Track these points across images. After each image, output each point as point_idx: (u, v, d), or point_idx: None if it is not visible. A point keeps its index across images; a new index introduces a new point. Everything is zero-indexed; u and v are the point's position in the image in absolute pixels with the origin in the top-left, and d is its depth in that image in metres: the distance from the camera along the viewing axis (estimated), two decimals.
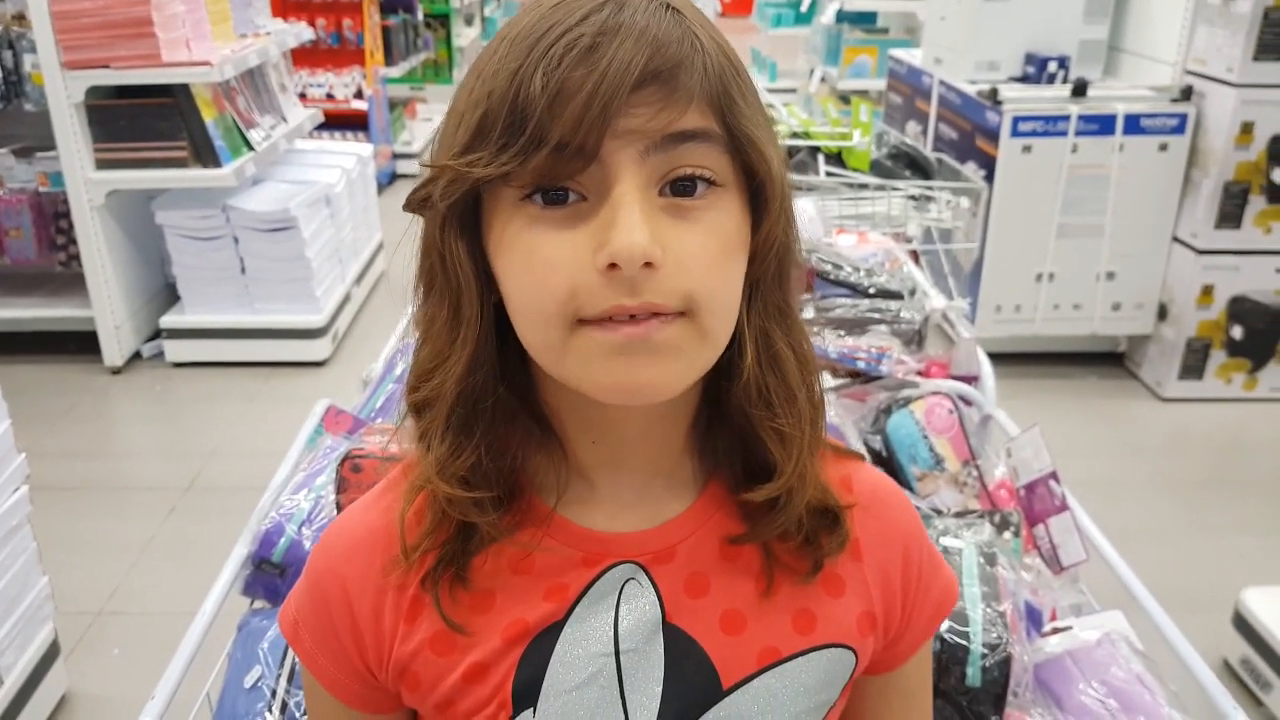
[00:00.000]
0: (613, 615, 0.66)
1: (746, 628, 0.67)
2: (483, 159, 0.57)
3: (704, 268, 0.58)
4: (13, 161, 3.51)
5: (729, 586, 0.68)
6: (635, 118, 0.56)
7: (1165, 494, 2.89)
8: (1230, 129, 3.09)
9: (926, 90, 3.91)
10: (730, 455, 0.68)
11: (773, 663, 0.67)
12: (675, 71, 0.56)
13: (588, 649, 0.66)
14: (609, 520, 0.68)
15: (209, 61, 3.23)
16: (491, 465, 0.64)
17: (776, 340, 0.65)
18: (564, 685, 0.65)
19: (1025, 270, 3.38)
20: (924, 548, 0.75)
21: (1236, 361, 3.36)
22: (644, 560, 0.67)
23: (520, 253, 0.58)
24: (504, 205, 0.59)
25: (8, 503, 1.88)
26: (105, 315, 3.46)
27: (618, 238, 0.55)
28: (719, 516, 0.69)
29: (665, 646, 0.66)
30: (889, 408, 1.44)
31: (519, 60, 0.56)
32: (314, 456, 1.31)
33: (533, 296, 0.58)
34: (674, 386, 0.59)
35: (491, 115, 0.57)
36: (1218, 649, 2.20)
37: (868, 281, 1.75)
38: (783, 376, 0.65)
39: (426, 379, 0.64)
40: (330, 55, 5.56)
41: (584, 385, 0.59)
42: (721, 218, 0.59)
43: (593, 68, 0.55)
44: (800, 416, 0.65)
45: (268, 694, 1.07)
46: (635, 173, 0.56)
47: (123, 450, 3.22)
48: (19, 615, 1.92)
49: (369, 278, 4.25)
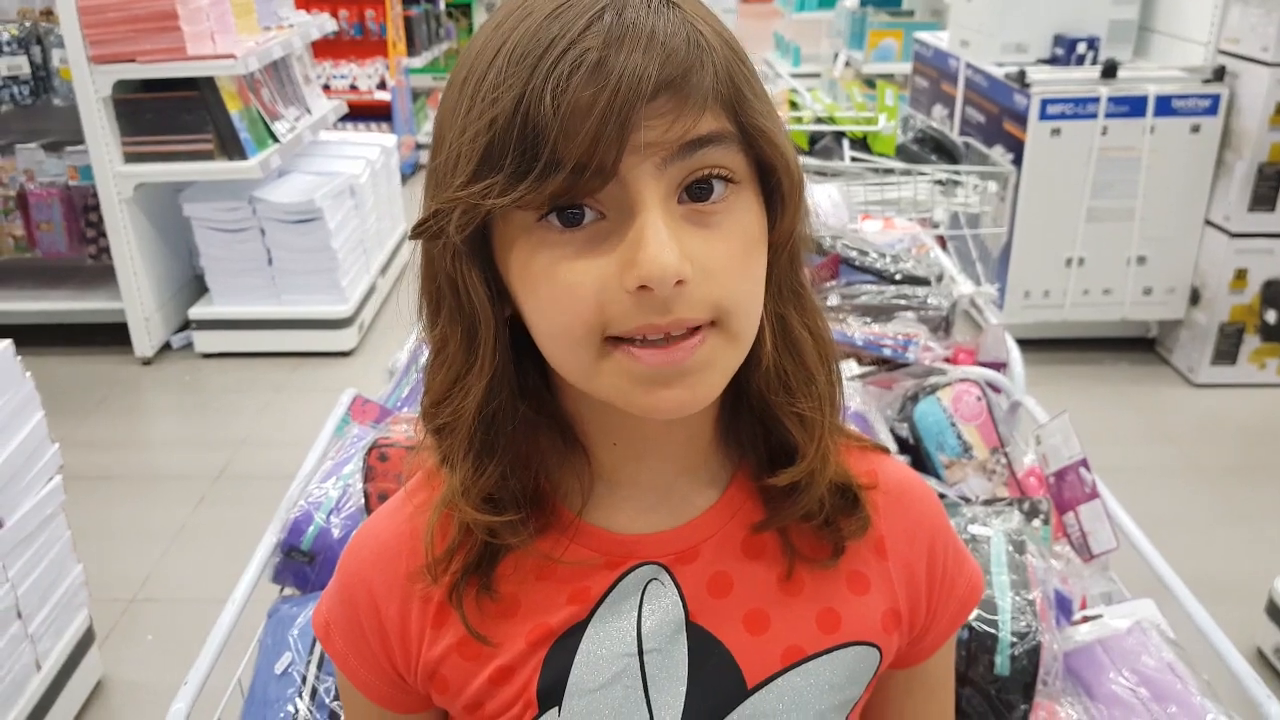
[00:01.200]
0: (636, 616, 0.66)
1: (770, 627, 0.67)
2: (495, 187, 0.54)
3: (731, 274, 0.57)
4: (43, 156, 3.55)
5: (752, 585, 0.67)
6: (652, 130, 0.54)
7: (1197, 481, 2.86)
8: (1265, 110, 3.04)
9: (953, 73, 3.87)
10: (754, 442, 0.67)
11: (797, 661, 0.67)
12: (686, 77, 0.54)
13: (611, 649, 0.66)
14: (630, 522, 0.67)
15: (233, 54, 3.25)
16: (515, 483, 0.64)
17: (793, 324, 0.64)
18: (588, 685, 0.65)
19: (1054, 255, 3.35)
20: (949, 543, 0.74)
21: (1270, 346, 3.31)
22: (666, 561, 0.67)
23: (542, 279, 0.57)
24: (518, 228, 0.57)
25: (42, 492, 1.91)
26: (135, 307, 3.50)
27: (648, 260, 0.53)
28: (744, 510, 0.68)
29: (689, 646, 0.66)
30: (916, 395, 1.43)
31: (523, 80, 0.53)
32: (342, 445, 1.32)
33: (559, 322, 0.57)
34: (709, 399, 0.59)
35: (499, 142, 0.54)
36: (1251, 638, 2.18)
37: (894, 267, 1.73)
38: (801, 359, 0.65)
39: (444, 403, 0.63)
40: (353, 46, 5.57)
41: (617, 403, 0.59)
42: (742, 217, 0.58)
43: (603, 84, 0.52)
44: (820, 398, 0.65)
45: (298, 680, 1.08)
46: (656, 187, 0.55)
47: (154, 440, 3.26)
48: (54, 603, 1.95)
49: (394, 268, 4.27)
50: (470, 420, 0.62)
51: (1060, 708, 1.04)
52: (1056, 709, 1.04)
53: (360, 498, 1.22)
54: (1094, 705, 1.07)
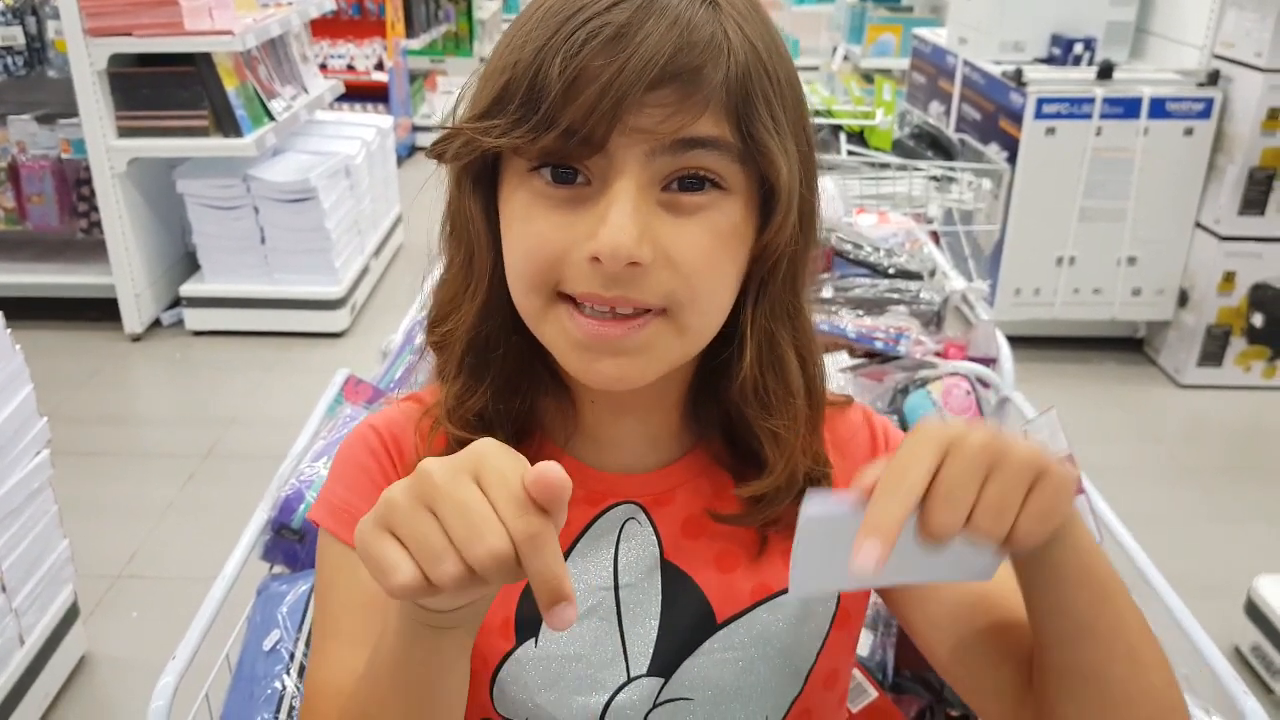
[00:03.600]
0: (613, 552, 0.69)
1: (740, 566, 0.70)
2: (497, 128, 0.57)
3: (693, 267, 0.58)
4: (35, 128, 3.52)
5: (724, 529, 0.70)
6: (647, 118, 0.55)
7: (1181, 480, 2.88)
8: (1257, 114, 3.05)
9: (950, 70, 3.87)
10: (715, 430, 0.70)
11: (766, 597, 0.70)
12: (695, 74, 0.55)
13: (588, 582, 0.69)
14: (612, 462, 0.70)
15: (231, 30, 3.23)
16: (502, 407, 0.67)
17: (781, 342, 0.65)
18: None
19: (1046, 253, 3.36)
20: (878, 433, 0.76)
21: (1256, 349, 3.33)
22: (644, 501, 0.70)
23: (519, 221, 0.60)
24: (516, 171, 0.60)
25: (29, 466, 1.91)
26: (126, 282, 3.49)
27: (605, 235, 0.55)
28: (713, 469, 0.71)
29: (663, 583, 0.69)
30: (906, 388, 1.44)
31: (545, 37, 0.56)
32: (334, 425, 1.33)
33: (520, 264, 0.60)
34: (638, 381, 0.61)
35: (512, 86, 0.57)
36: (1230, 636, 2.20)
37: (887, 262, 1.74)
38: (784, 377, 0.66)
39: (442, 321, 0.67)
40: (351, 26, 5.55)
41: (557, 358, 0.62)
42: (719, 218, 0.59)
43: (611, 59, 0.54)
44: (797, 417, 0.66)
45: (286, 656, 1.09)
46: (638, 172, 0.56)
47: (142, 416, 3.26)
48: (40, 577, 1.95)
49: (388, 250, 4.26)
50: (463, 343, 0.65)
51: None
52: None
53: None
54: None
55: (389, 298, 3.99)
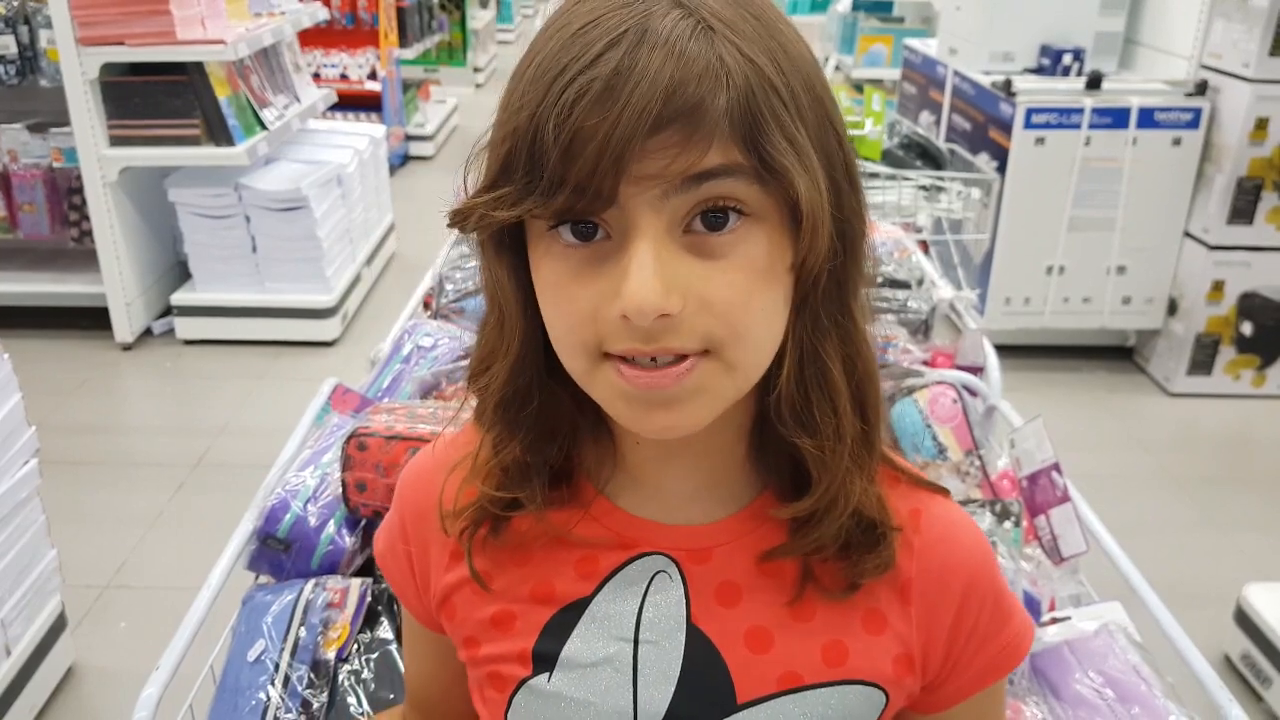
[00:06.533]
0: (639, 604, 0.66)
1: (772, 648, 0.66)
2: (508, 197, 0.56)
3: (730, 307, 0.56)
4: (27, 137, 3.52)
5: (761, 602, 0.66)
6: (653, 163, 0.53)
7: (1171, 489, 2.89)
8: (1245, 125, 3.07)
9: (941, 80, 3.89)
10: (779, 467, 0.66)
11: (793, 688, 0.65)
12: (695, 110, 0.52)
13: (608, 630, 0.66)
14: (650, 510, 0.68)
15: (223, 40, 3.23)
16: (537, 459, 0.66)
17: (826, 355, 0.61)
18: (580, 659, 0.67)
19: (1036, 263, 3.37)
20: (989, 596, 0.69)
21: (1245, 358, 3.35)
22: (678, 556, 0.67)
23: (549, 286, 0.59)
24: (538, 232, 0.59)
25: (17, 475, 1.90)
26: (117, 291, 3.48)
27: (628, 294, 0.54)
28: (761, 531, 0.67)
29: (686, 648, 0.66)
30: (893, 396, 1.44)
31: (538, 100, 0.54)
32: (321, 434, 1.32)
33: (561, 330, 0.59)
34: (696, 426, 0.59)
35: (515, 154, 0.56)
36: (1219, 644, 2.20)
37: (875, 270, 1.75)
38: (828, 391, 0.62)
39: (481, 373, 0.67)
40: (345, 36, 5.55)
41: (611, 415, 0.62)
42: (751, 250, 0.56)
43: (605, 115, 0.52)
44: (842, 434, 0.62)
45: (270, 667, 1.08)
46: (653, 220, 0.54)
47: (132, 426, 3.24)
48: (27, 587, 1.94)
49: (379, 259, 4.26)
50: (496, 394, 0.65)
51: (1026, 707, 1.06)
52: (1022, 708, 1.06)
53: (338, 487, 1.22)
54: (1060, 705, 1.08)
55: (381, 306, 3.99)
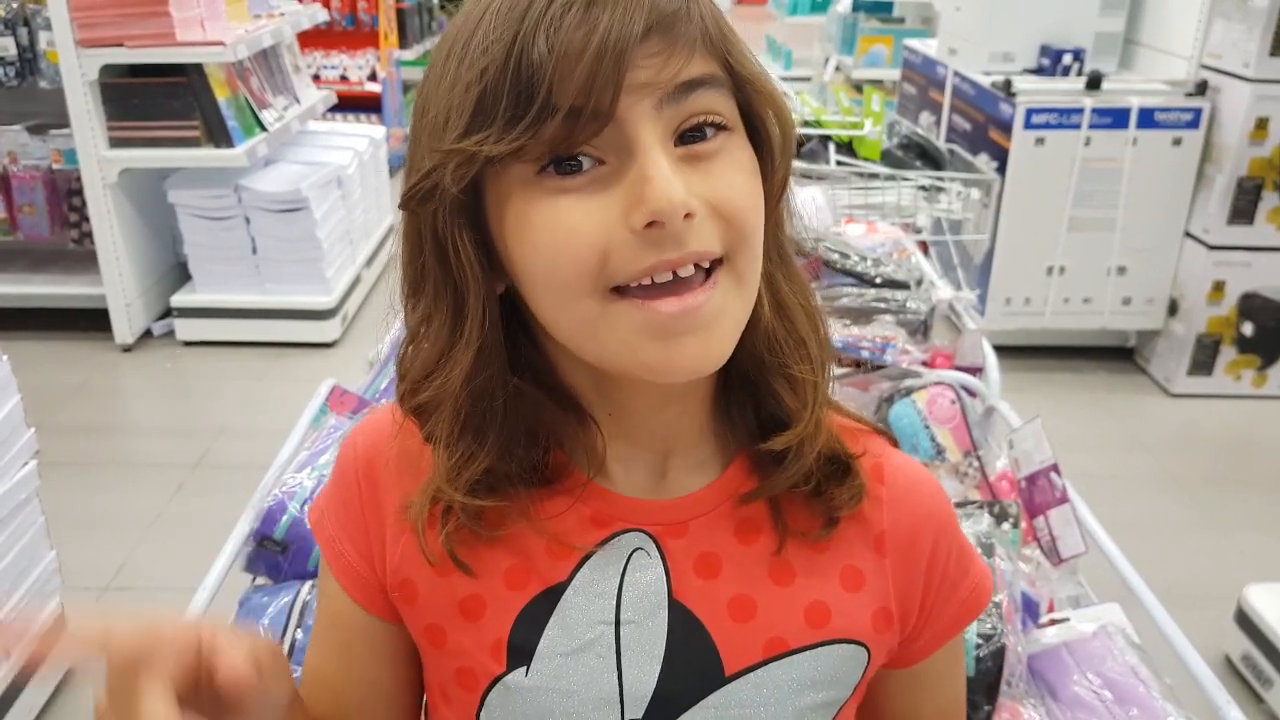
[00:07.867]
0: (618, 583, 0.65)
1: (756, 615, 0.65)
2: (490, 136, 0.54)
3: (735, 206, 0.57)
4: (27, 138, 3.52)
5: (741, 570, 0.66)
6: (646, 70, 0.54)
7: (1171, 490, 2.89)
8: (1245, 125, 3.07)
9: (941, 81, 3.89)
10: (745, 418, 0.66)
11: (780, 654, 0.65)
12: (674, 21, 0.55)
13: (588, 615, 0.64)
14: (627, 485, 0.66)
15: (222, 41, 3.23)
16: (511, 465, 0.63)
17: (781, 286, 0.64)
18: (560, 648, 0.64)
19: (1036, 263, 3.37)
20: (955, 543, 0.71)
21: (1246, 358, 3.34)
22: (654, 531, 0.66)
23: (542, 228, 0.55)
24: (514, 184, 0.56)
25: (17, 477, 1.90)
26: (116, 293, 3.48)
27: (655, 194, 0.53)
28: (738, 494, 0.67)
29: (669, 624, 0.65)
30: (891, 397, 1.44)
31: (513, 29, 0.54)
32: (318, 436, 1.32)
33: (560, 270, 0.56)
34: (723, 356, 0.58)
35: (492, 91, 0.54)
36: (1220, 645, 2.20)
37: (874, 271, 1.75)
38: (792, 323, 0.64)
39: (427, 380, 0.62)
40: (344, 37, 5.56)
41: (624, 363, 0.58)
42: (738, 154, 0.58)
43: (594, 24, 0.53)
44: (812, 362, 0.64)
45: None
46: (653, 128, 0.55)
47: (132, 427, 3.24)
48: (26, 589, 1.93)
49: (379, 260, 4.26)
50: (457, 393, 0.61)
51: (1024, 709, 1.06)
52: (1020, 710, 1.06)
53: None
54: (1057, 707, 1.08)
55: (381, 308, 3.96)
